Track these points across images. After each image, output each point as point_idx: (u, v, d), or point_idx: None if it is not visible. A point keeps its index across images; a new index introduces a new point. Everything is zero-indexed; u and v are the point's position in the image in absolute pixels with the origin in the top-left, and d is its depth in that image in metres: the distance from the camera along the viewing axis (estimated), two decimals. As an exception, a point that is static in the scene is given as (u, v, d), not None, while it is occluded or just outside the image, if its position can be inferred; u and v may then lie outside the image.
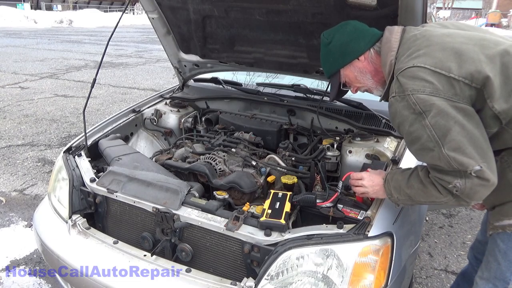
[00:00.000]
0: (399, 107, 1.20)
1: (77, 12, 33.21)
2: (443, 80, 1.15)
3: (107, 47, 2.07)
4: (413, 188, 1.28)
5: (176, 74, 2.78)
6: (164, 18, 2.33)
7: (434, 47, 1.21)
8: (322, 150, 2.00)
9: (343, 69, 1.43)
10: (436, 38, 1.25)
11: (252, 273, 1.44)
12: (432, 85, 1.14)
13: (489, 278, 1.42)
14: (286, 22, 1.95)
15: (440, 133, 1.13)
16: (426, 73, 1.16)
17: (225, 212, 1.55)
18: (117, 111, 2.47)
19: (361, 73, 1.41)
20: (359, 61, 1.39)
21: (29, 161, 4.14)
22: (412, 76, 1.18)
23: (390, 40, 1.32)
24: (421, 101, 1.14)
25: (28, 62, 10.63)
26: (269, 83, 2.75)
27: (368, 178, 1.44)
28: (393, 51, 1.29)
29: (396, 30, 1.34)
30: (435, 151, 1.15)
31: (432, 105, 1.13)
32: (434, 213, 3.30)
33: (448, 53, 1.18)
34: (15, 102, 6.46)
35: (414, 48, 1.24)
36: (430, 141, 1.15)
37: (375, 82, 1.42)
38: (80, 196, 1.82)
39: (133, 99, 6.73)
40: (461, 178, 1.15)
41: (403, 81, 1.19)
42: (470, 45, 1.20)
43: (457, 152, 1.12)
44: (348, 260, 1.32)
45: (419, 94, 1.15)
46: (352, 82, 1.46)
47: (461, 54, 1.17)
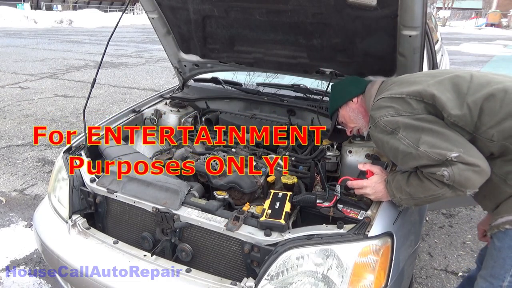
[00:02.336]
0: (375, 134, 1.44)
1: (77, 12, 33.20)
2: (399, 101, 1.39)
3: (107, 47, 2.07)
4: (413, 185, 1.37)
5: (176, 74, 2.78)
6: (164, 18, 2.33)
7: (394, 84, 1.50)
8: (322, 150, 2.00)
9: (341, 108, 1.73)
10: (399, 79, 1.55)
11: (252, 273, 1.44)
12: (393, 108, 1.38)
13: (486, 276, 1.44)
14: (286, 22, 1.95)
15: (413, 140, 1.31)
16: (385, 101, 1.43)
17: (225, 212, 1.55)
18: (117, 111, 2.47)
19: (354, 113, 1.70)
20: (353, 102, 1.70)
21: (29, 161, 4.14)
22: (377, 107, 1.45)
23: (370, 89, 1.63)
24: (388, 123, 1.37)
25: (28, 62, 10.63)
26: (269, 83, 2.75)
27: (371, 187, 1.50)
28: (372, 97, 1.57)
29: (378, 82, 1.64)
30: (413, 153, 1.31)
31: (397, 122, 1.35)
32: (434, 213, 3.30)
33: (402, 83, 1.48)
34: (15, 102, 6.46)
35: (382, 89, 1.55)
36: (407, 148, 1.32)
37: (365, 122, 1.68)
38: (80, 196, 1.82)
39: (133, 99, 6.73)
40: (446, 167, 1.25)
41: (373, 113, 1.46)
42: (423, 77, 1.46)
43: (432, 147, 1.27)
44: (348, 260, 1.32)
45: (385, 118, 1.38)
46: (347, 122, 1.74)
47: (412, 82, 1.44)
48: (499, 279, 1.38)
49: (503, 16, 33.74)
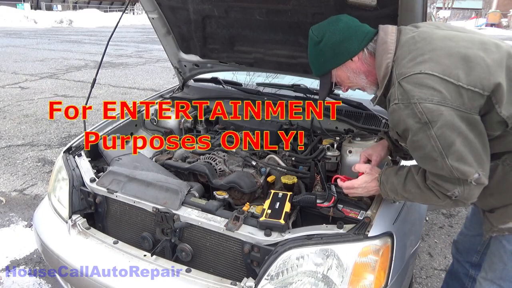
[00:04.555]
0: (402, 115, 1.15)
1: (77, 12, 33.23)
2: (451, 88, 1.10)
3: (107, 47, 2.07)
4: (411, 193, 1.30)
5: (176, 74, 2.78)
6: (164, 18, 2.33)
7: (439, 52, 1.15)
8: (322, 150, 2.00)
9: (335, 69, 1.36)
10: (439, 42, 1.19)
11: (252, 273, 1.44)
12: (441, 94, 1.09)
13: (494, 279, 1.41)
14: (286, 22, 1.95)
15: (444, 144, 1.11)
16: (434, 81, 1.10)
17: (225, 212, 1.55)
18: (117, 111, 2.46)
19: (354, 74, 1.35)
20: (353, 61, 1.32)
21: (29, 161, 4.14)
22: (418, 83, 1.12)
23: (386, 41, 1.24)
24: (429, 111, 1.09)
25: (28, 62, 10.63)
26: (269, 83, 2.75)
27: (362, 187, 1.45)
28: (390, 53, 1.23)
29: (390, 30, 1.27)
30: (438, 161, 1.13)
31: (440, 115, 1.09)
32: (434, 213, 3.30)
33: (455, 59, 1.13)
34: (15, 102, 6.46)
35: (417, 52, 1.18)
36: (434, 151, 1.13)
37: (369, 82, 1.37)
38: (80, 196, 1.82)
39: (133, 99, 6.73)
40: (460, 186, 1.16)
41: (409, 88, 1.13)
42: (475, 50, 1.15)
43: (460, 162, 1.11)
44: (348, 260, 1.32)
45: (426, 103, 1.10)
46: (344, 82, 1.40)
47: (469, 61, 1.13)
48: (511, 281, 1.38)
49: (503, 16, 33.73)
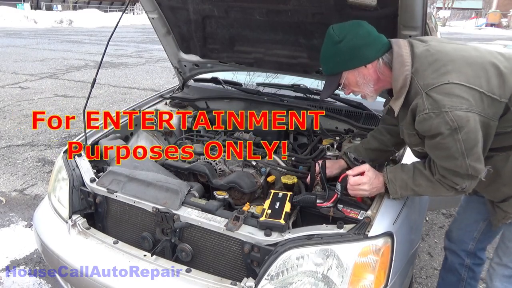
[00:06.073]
0: (434, 123, 1.22)
1: (77, 12, 33.21)
2: (476, 95, 1.21)
3: (107, 47, 2.07)
4: (421, 186, 1.40)
5: (176, 74, 2.78)
6: (164, 18, 2.33)
7: (459, 62, 1.25)
8: (322, 150, 2.00)
9: (347, 72, 1.38)
10: (454, 53, 1.29)
11: (252, 273, 1.43)
12: (468, 102, 1.19)
13: (508, 263, 1.53)
14: (286, 22, 1.95)
15: (468, 146, 1.22)
16: (462, 90, 1.20)
17: (225, 212, 1.54)
18: (117, 110, 2.46)
19: (364, 80, 1.38)
20: (366, 68, 1.36)
21: (29, 161, 4.14)
22: (448, 92, 1.20)
23: (402, 55, 1.31)
24: (459, 118, 1.19)
25: (28, 62, 10.63)
26: (269, 83, 2.75)
27: (369, 183, 1.48)
28: (407, 66, 1.30)
29: (403, 44, 1.34)
30: (459, 160, 1.24)
31: (468, 121, 1.19)
32: (434, 213, 3.30)
33: (475, 68, 1.24)
34: (15, 102, 6.46)
35: (438, 63, 1.26)
36: (457, 152, 1.23)
37: (374, 90, 1.42)
38: (80, 196, 1.82)
39: (133, 99, 6.73)
40: (469, 180, 1.29)
41: (439, 98, 1.20)
42: (488, 59, 1.28)
43: (477, 162, 1.25)
44: (348, 260, 1.32)
45: (457, 111, 1.19)
46: (351, 85, 1.42)
47: (486, 69, 1.24)
48: None
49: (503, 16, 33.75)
